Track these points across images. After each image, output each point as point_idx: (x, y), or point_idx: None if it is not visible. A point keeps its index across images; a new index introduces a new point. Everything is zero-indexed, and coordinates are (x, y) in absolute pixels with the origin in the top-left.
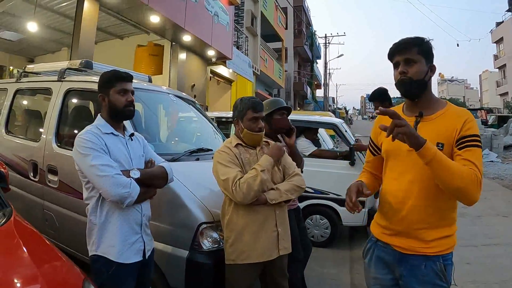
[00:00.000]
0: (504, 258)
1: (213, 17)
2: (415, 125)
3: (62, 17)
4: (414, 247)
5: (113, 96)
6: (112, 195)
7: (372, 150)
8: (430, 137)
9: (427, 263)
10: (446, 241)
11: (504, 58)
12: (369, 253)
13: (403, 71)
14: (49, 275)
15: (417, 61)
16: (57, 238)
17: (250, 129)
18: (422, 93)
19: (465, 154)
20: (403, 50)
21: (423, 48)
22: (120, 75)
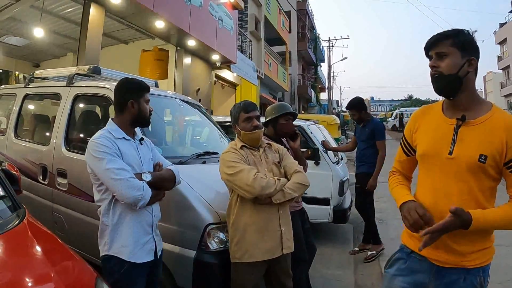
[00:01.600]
0: (508, 258)
1: (217, 21)
2: (456, 129)
3: (68, 22)
4: (453, 260)
5: (143, 105)
6: (127, 198)
7: (405, 149)
8: (472, 145)
9: (467, 276)
10: (486, 252)
11: (508, 59)
12: (398, 263)
13: (433, 65)
14: (63, 273)
15: (449, 54)
16: (67, 240)
17: (245, 129)
18: (457, 90)
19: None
20: (435, 43)
21: (458, 39)
22: (147, 86)
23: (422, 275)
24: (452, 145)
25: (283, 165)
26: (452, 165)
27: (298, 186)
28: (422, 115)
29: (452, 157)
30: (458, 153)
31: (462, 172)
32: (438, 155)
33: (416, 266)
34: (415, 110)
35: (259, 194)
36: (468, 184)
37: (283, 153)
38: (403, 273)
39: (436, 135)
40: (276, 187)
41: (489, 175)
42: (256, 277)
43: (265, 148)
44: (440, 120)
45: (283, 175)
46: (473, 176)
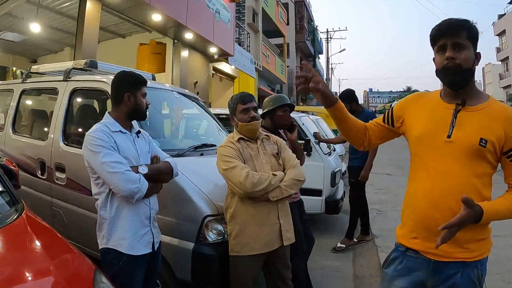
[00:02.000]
0: (506, 249)
1: (215, 14)
2: (455, 113)
3: (65, 17)
4: (451, 252)
5: (139, 98)
6: (123, 191)
7: (386, 117)
8: (472, 129)
9: (465, 270)
10: (484, 243)
11: (507, 51)
12: (394, 263)
13: (451, 56)
14: (61, 267)
15: (466, 47)
16: (66, 234)
17: (243, 120)
18: (468, 83)
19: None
20: (452, 33)
21: (472, 33)
22: (144, 80)
23: (419, 273)
24: (450, 129)
25: (282, 158)
26: (451, 148)
27: (294, 182)
28: (417, 98)
29: (450, 140)
30: (458, 136)
31: (460, 156)
32: (435, 138)
33: (412, 265)
34: None
35: (251, 192)
36: (465, 168)
37: (281, 145)
38: (401, 273)
39: (433, 118)
40: (270, 182)
41: (487, 161)
42: (255, 269)
43: (263, 140)
44: (438, 104)
45: (282, 167)
46: (471, 160)
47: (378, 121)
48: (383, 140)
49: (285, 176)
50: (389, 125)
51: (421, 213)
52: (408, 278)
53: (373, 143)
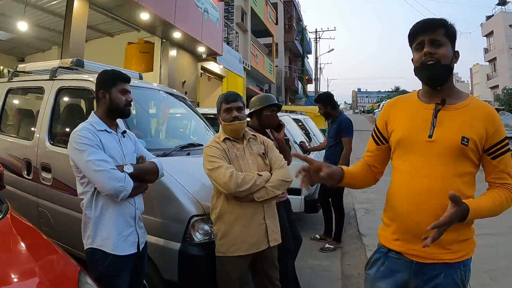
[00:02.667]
0: (495, 247)
1: (203, 13)
2: (435, 113)
3: (52, 15)
4: (432, 253)
5: (114, 94)
6: (108, 189)
7: (376, 139)
8: (453, 128)
9: (447, 271)
10: (467, 244)
11: (494, 52)
12: (376, 264)
13: (429, 52)
14: (46, 268)
15: (444, 44)
16: (52, 235)
17: (225, 120)
18: (447, 81)
19: (501, 165)
20: (429, 29)
21: (449, 30)
22: (123, 76)
23: (402, 274)
24: (431, 129)
25: (268, 158)
26: (432, 148)
27: (281, 183)
28: (394, 103)
29: (432, 140)
30: (439, 135)
31: (442, 155)
32: (416, 139)
33: (394, 266)
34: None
35: (235, 192)
36: (447, 168)
37: (268, 145)
38: (384, 275)
39: (413, 119)
40: (254, 182)
41: (470, 160)
42: (242, 269)
43: (250, 140)
44: (417, 106)
45: (269, 167)
46: (453, 160)
47: (371, 149)
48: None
49: (271, 176)
50: (383, 143)
51: (403, 214)
52: (391, 279)
53: (381, 172)
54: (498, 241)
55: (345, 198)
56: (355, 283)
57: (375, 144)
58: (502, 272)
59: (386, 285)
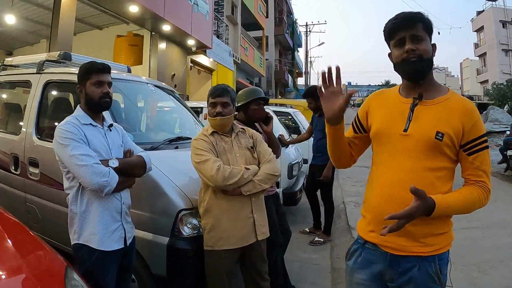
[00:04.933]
0: (483, 240)
1: (193, 6)
2: (412, 107)
3: (40, 8)
4: (407, 246)
5: (89, 88)
6: (91, 184)
7: (355, 127)
8: (428, 123)
9: (422, 264)
10: (443, 238)
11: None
12: (354, 256)
13: (412, 48)
14: (33, 264)
15: (424, 38)
16: (40, 230)
17: (209, 114)
18: (428, 75)
19: (477, 162)
20: (408, 26)
21: (427, 24)
22: (96, 67)
23: (378, 265)
24: (407, 123)
25: (257, 152)
26: (407, 141)
27: (268, 177)
28: (377, 96)
29: (407, 133)
30: (414, 129)
31: (416, 149)
32: (392, 132)
33: (371, 257)
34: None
35: (222, 185)
36: (420, 161)
37: (257, 139)
38: (361, 266)
39: (391, 113)
40: (242, 176)
41: (445, 155)
42: (230, 263)
43: (238, 133)
44: (396, 99)
45: (257, 160)
46: (427, 154)
47: (349, 136)
48: (362, 151)
49: (259, 170)
50: (361, 132)
51: (376, 206)
52: (368, 270)
53: (354, 159)
54: (486, 234)
55: (334, 191)
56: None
57: (353, 132)
58: (491, 265)
59: (363, 276)
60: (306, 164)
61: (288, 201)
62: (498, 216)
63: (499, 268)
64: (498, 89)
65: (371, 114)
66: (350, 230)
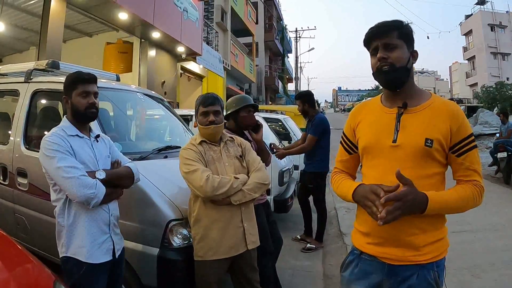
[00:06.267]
0: (474, 244)
1: (182, 13)
2: (398, 117)
3: (30, 15)
4: (405, 256)
5: (75, 99)
6: (78, 196)
7: (347, 147)
8: (416, 131)
9: (420, 272)
10: (439, 244)
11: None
12: (350, 267)
13: (383, 57)
14: (20, 278)
15: (398, 46)
16: (30, 241)
17: (201, 123)
18: (406, 82)
19: (467, 162)
20: (381, 34)
21: (403, 31)
22: (82, 77)
23: (375, 275)
24: (395, 133)
25: (246, 160)
26: (397, 152)
27: (258, 186)
28: (360, 110)
29: (396, 144)
30: (403, 139)
31: (408, 159)
32: (381, 145)
33: (368, 268)
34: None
35: (211, 195)
36: (414, 170)
37: (246, 147)
38: (358, 277)
39: (378, 125)
40: (231, 185)
41: (436, 160)
42: (220, 272)
43: (227, 142)
44: (380, 111)
45: (246, 169)
46: (420, 162)
47: (344, 158)
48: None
49: (248, 179)
50: (355, 152)
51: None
52: (365, 281)
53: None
54: (478, 238)
55: (326, 197)
56: (337, 283)
57: (347, 153)
58: (483, 269)
59: (361, 287)
60: (297, 171)
61: (280, 208)
62: (489, 219)
63: (490, 271)
64: (487, 92)
65: (358, 128)
66: (342, 236)
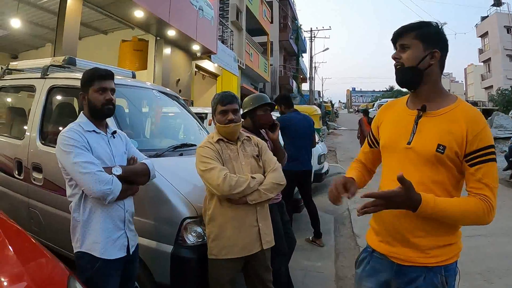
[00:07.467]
0: (488, 248)
1: (198, 11)
2: (416, 119)
3: (46, 12)
4: (412, 257)
5: (92, 95)
6: (94, 192)
7: (370, 141)
8: (430, 136)
9: (427, 274)
10: (449, 249)
11: (489, 52)
12: (363, 264)
13: (395, 56)
14: (34, 272)
15: (411, 46)
16: (43, 235)
17: (220, 122)
18: (419, 82)
19: (478, 174)
20: (399, 35)
21: (421, 31)
22: (99, 73)
23: (384, 274)
24: (411, 136)
25: (262, 160)
26: (410, 154)
27: (274, 186)
28: (387, 109)
29: (410, 146)
30: (416, 143)
31: (419, 162)
32: (397, 145)
33: (378, 266)
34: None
35: (228, 194)
36: (423, 174)
37: (262, 147)
38: (369, 274)
39: (398, 126)
40: (248, 185)
41: (448, 167)
42: (234, 272)
43: (244, 141)
44: (403, 112)
45: (262, 169)
46: (431, 167)
47: (365, 150)
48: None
49: (265, 179)
50: (376, 147)
51: (383, 218)
52: (375, 279)
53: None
54: (491, 242)
55: None
56: (349, 285)
57: (368, 146)
58: (496, 274)
59: (371, 284)
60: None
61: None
62: (503, 223)
63: (504, 277)
64: (503, 94)
65: (382, 126)
66: (355, 237)
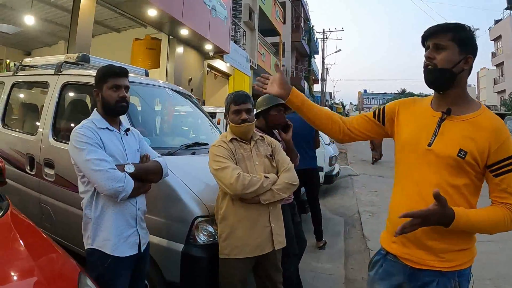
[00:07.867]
0: (499, 254)
1: (211, 11)
2: (440, 122)
3: (59, 10)
4: (425, 260)
5: (105, 92)
6: (106, 189)
7: (376, 112)
8: (453, 140)
9: (440, 279)
10: (463, 254)
11: (502, 56)
12: (376, 266)
13: (429, 56)
14: (45, 267)
15: (447, 48)
16: (54, 231)
17: (234, 121)
18: (449, 86)
19: (503, 184)
20: (434, 34)
21: (459, 34)
22: (113, 70)
23: (397, 277)
24: (433, 137)
25: (275, 160)
26: (429, 156)
27: (287, 186)
28: (409, 105)
29: (430, 148)
30: (437, 145)
31: (437, 165)
32: (417, 145)
33: (391, 269)
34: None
35: (241, 193)
36: (442, 177)
37: (275, 147)
38: (381, 277)
39: (419, 125)
40: (261, 184)
41: (467, 172)
42: (245, 271)
43: (257, 141)
44: (426, 111)
45: (275, 169)
46: (450, 171)
47: (368, 115)
48: (367, 135)
49: (278, 179)
50: (379, 122)
51: (397, 218)
52: (387, 282)
53: (354, 135)
54: (503, 248)
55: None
56: (358, 287)
57: (372, 115)
58: (507, 280)
59: (383, 287)
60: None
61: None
62: None
63: None
64: None
65: (400, 121)
66: (365, 240)
